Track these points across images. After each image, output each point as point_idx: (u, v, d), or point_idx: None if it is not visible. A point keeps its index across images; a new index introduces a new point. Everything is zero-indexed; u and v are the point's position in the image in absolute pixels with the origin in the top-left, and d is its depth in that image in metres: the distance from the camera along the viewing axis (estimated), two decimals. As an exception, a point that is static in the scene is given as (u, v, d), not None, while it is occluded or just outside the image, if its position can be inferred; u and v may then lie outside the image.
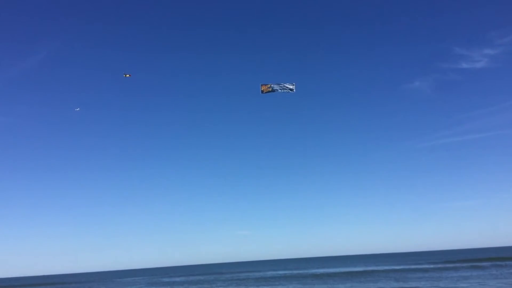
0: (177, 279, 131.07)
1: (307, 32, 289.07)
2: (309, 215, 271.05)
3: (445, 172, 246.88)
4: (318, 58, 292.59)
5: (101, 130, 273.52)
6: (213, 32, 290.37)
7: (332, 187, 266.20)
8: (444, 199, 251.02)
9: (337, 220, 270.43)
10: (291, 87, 45.11)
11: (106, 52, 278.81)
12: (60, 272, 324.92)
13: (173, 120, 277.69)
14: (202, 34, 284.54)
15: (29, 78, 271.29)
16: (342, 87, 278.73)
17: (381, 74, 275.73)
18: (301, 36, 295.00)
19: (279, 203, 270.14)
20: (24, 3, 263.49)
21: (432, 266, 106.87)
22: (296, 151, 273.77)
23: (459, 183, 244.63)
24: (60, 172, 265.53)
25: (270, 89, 45.25)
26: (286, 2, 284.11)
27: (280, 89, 45.16)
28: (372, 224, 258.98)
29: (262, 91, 45.13)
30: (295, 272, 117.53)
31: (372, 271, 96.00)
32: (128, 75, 62.60)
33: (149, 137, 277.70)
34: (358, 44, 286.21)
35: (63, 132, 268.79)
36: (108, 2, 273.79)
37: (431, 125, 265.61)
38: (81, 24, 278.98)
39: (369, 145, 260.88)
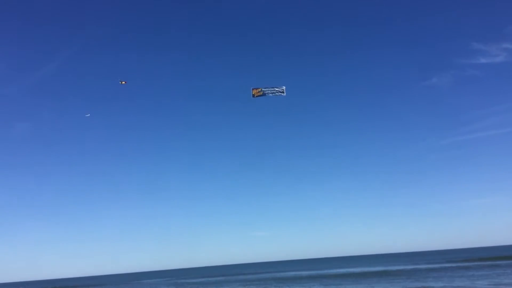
0: (197, 280, 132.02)
1: (319, 33, 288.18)
2: (326, 215, 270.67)
3: (465, 169, 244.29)
4: (334, 58, 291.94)
5: (116, 134, 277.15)
6: (209, 35, 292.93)
7: (349, 187, 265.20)
8: (464, 197, 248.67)
9: (354, 220, 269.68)
10: (281, 90, 45.90)
11: (114, 56, 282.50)
12: (79, 275, 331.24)
13: (184, 122, 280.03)
14: (197, 36, 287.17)
15: (46, 85, 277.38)
16: (358, 87, 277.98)
17: (398, 72, 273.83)
18: (312, 37, 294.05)
19: (295, 204, 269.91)
20: (39, 13, 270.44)
21: (451, 265, 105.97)
22: (313, 152, 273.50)
23: (478, 181, 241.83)
24: (81, 175, 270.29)
25: (261, 93, 45.94)
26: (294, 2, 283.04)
27: (271, 93, 45.86)
28: (391, 223, 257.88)
29: (253, 95, 45.85)
30: (316, 272, 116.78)
31: (392, 271, 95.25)
32: (124, 82, 64.93)
33: (161, 139, 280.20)
34: (374, 43, 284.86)
35: (78, 136, 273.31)
36: (115, 10, 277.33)
37: (450, 122, 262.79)
38: (93, 31, 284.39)
39: (388, 145, 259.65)
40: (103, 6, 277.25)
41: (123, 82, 64.80)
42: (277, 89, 45.87)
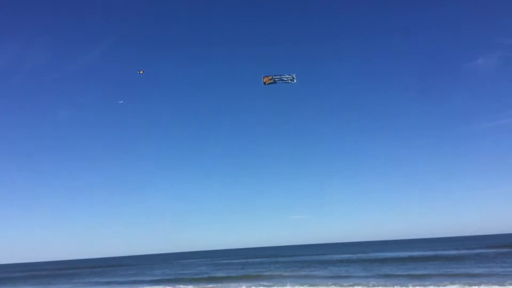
0: (236, 261, 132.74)
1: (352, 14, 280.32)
2: (364, 199, 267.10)
3: (509, 153, 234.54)
4: (372, 40, 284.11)
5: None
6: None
7: (387, 171, 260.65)
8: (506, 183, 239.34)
9: (390, 206, 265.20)
10: (291, 78, 48.02)
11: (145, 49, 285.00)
12: (119, 255, 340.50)
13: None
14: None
15: (88, 73, 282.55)
16: (399, 69, 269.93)
17: (440, 54, 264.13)
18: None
19: (334, 188, 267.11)
20: (81, 3, 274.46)
21: (501, 250, 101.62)
22: (352, 135, 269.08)
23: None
24: (125, 159, 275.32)
25: (272, 81, 48.19)
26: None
27: (281, 80, 48.15)
28: (427, 208, 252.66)
29: (265, 83, 48.04)
30: (357, 256, 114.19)
31: (431, 256, 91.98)
32: (142, 72, 65.55)
33: (199, 122, 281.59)
34: (417, 24, 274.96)
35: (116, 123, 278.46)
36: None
37: (495, 104, 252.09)
38: (132, 22, 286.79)
39: (431, 128, 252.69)
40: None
41: (141, 72, 65.78)
42: (288, 77, 48.13)
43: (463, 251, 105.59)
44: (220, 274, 79.16)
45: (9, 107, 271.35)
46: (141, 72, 65.88)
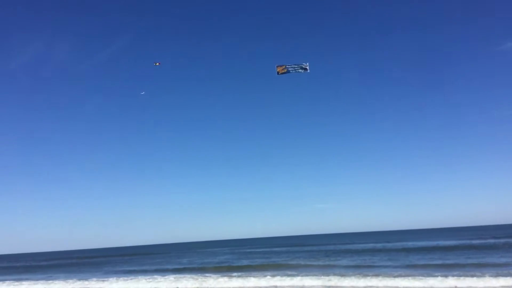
0: (260, 249, 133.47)
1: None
2: (388, 188, 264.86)
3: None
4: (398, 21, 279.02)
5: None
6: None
7: (414, 160, 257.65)
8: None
9: (417, 194, 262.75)
10: (304, 66, 46.81)
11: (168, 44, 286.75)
12: (147, 243, 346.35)
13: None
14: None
15: (102, 71, 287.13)
16: (425, 54, 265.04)
17: (467, 37, 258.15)
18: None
19: (358, 177, 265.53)
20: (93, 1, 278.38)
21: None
22: (378, 124, 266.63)
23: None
24: (155, 147, 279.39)
25: (285, 70, 47.08)
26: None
27: (294, 70, 46.96)
28: (451, 197, 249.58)
29: (278, 73, 47.08)
30: (382, 245, 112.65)
31: (457, 246, 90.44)
32: (158, 63, 67.50)
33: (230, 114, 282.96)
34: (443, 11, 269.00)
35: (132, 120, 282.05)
36: None
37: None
38: (146, 19, 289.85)
39: (457, 113, 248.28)
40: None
41: (157, 64, 67.56)
42: (301, 66, 46.87)
43: (490, 240, 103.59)
44: (244, 262, 79.51)
45: (36, 101, 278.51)
46: (157, 64, 67.78)
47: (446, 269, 51.21)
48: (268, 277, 51.69)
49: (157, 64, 67.66)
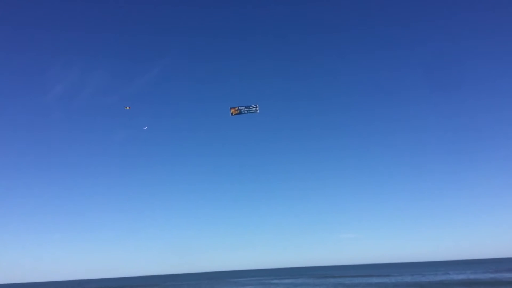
0: (286, 281, 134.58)
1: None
2: (419, 218, 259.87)
3: None
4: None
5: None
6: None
7: (448, 185, 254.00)
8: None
9: (453, 223, 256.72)
10: (254, 108, 50.87)
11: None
12: (174, 272, 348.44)
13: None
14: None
15: (147, 93, 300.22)
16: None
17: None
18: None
19: (390, 205, 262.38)
20: (135, 26, 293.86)
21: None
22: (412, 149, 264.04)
23: None
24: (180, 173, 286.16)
25: (238, 112, 50.91)
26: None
27: (246, 111, 50.82)
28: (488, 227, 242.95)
29: (232, 114, 50.90)
30: (413, 278, 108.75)
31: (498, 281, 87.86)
32: (128, 108, 75.55)
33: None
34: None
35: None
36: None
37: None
38: (185, 41, 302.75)
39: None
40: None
41: (128, 108, 75.84)
42: (252, 107, 50.97)
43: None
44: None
45: (71, 127, 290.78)
46: (128, 108, 75.19)
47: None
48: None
49: (127, 108, 75.09)
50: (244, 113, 51.58)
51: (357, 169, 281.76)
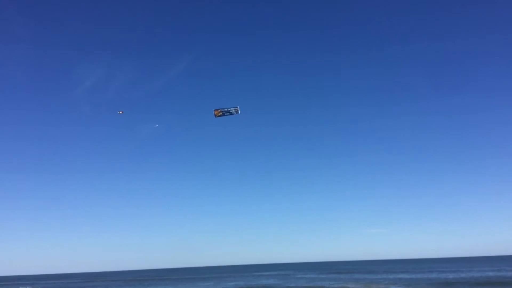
0: (310, 275, 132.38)
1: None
2: (444, 214, 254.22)
3: None
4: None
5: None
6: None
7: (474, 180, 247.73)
8: None
9: (481, 218, 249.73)
10: (235, 110, 51.72)
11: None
12: (196, 265, 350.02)
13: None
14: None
15: (171, 89, 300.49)
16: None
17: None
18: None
19: (418, 200, 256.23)
20: (161, 21, 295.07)
21: None
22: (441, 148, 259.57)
23: None
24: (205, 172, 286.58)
25: (221, 113, 51.58)
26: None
27: (228, 112, 51.63)
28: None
29: (215, 115, 51.45)
30: (443, 276, 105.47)
31: None
32: (121, 112, 76.58)
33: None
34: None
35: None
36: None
37: None
38: (211, 37, 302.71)
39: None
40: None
41: (120, 112, 76.67)
42: (233, 109, 51.73)
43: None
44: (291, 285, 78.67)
45: (98, 122, 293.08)
46: (121, 112, 76.12)
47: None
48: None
49: (121, 112, 75.80)
50: (226, 115, 52.46)
51: (383, 165, 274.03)
